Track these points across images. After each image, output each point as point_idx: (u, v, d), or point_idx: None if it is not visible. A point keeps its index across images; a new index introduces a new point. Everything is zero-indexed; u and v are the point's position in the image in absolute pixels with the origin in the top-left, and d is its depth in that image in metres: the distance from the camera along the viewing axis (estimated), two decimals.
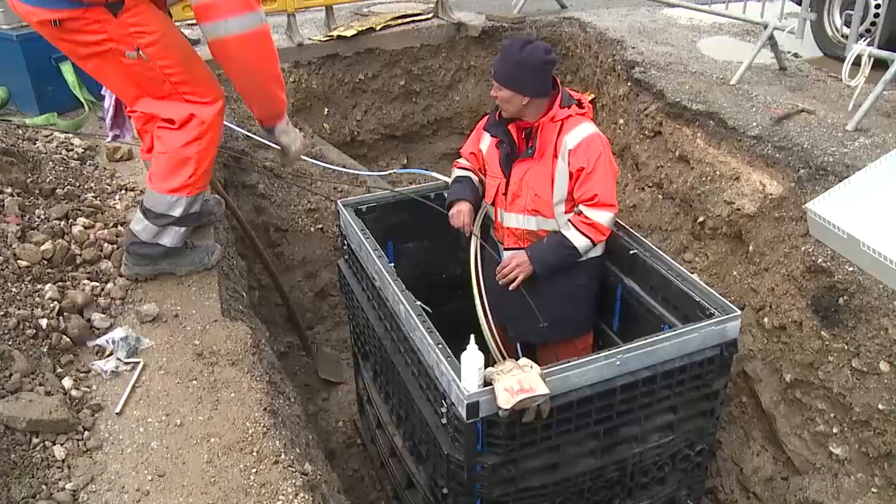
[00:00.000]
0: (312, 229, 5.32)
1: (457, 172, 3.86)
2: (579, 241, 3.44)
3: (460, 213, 3.67)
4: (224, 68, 3.08)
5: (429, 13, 7.03)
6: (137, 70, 3.12)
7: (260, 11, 2.96)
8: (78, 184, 4.01)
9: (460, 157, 3.91)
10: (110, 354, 3.17)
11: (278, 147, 3.51)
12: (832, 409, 3.58)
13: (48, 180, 3.95)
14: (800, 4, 5.68)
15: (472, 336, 2.76)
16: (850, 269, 3.61)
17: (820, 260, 3.73)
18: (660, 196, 5.33)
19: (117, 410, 2.90)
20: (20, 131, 4.51)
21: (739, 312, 3.16)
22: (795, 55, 6.42)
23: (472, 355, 2.67)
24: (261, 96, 3.24)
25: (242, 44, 2.94)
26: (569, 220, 3.48)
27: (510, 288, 3.60)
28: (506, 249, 3.69)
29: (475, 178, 3.78)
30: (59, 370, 3.05)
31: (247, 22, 2.90)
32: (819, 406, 3.64)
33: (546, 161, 3.43)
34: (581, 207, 3.43)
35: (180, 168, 3.27)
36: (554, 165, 3.42)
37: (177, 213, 3.34)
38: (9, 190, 3.69)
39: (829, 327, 3.57)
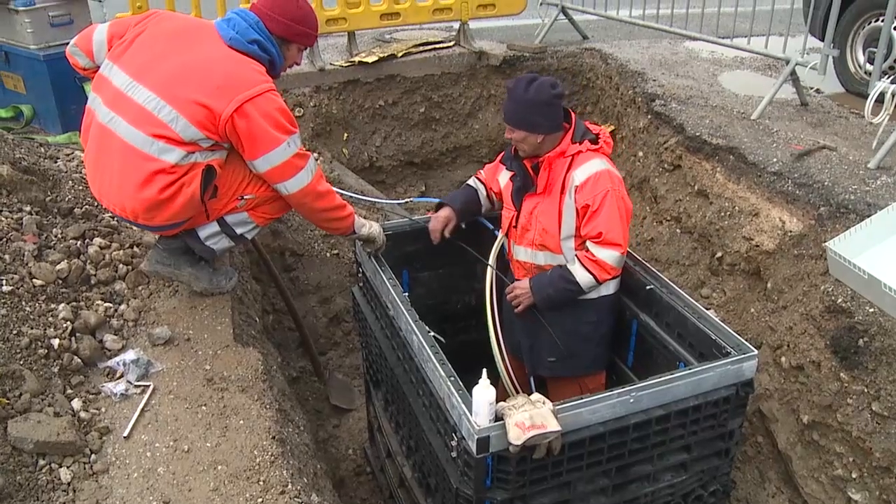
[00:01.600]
0: (328, 255, 5.31)
1: (468, 181, 3.92)
2: (582, 277, 3.40)
3: (436, 219, 3.72)
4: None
5: (450, 41, 7.06)
6: (255, 203, 3.46)
7: (307, 169, 3.31)
8: (96, 203, 4.02)
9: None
10: (121, 377, 3.17)
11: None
12: (851, 452, 3.51)
13: (67, 199, 3.97)
14: (822, 40, 5.65)
15: (485, 370, 2.73)
16: (871, 310, 3.55)
17: (839, 300, 3.68)
18: (678, 230, 5.29)
19: (125, 434, 2.89)
20: (42, 149, 4.55)
21: (756, 352, 3.11)
22: (817, 91, 6.39)
23: (483, 390, 2.63)
24: (327, 225, 3.67)
25: (301, 197, 3.37)
26: (576, 255, 3.45)
27: (515, 311, 3.58)
28: (516, 281, 3.67)
29: (482, 191, 3.82)
30: (69, 391, 3.05)
31: (297, 181, 3.30)
32: (837, 449, 3.57)
33: (554, 196, 3.41)
34: (587, 244, 3.40)
35: (273, 212, 3.60)
36: (562, 201, 3.39)
37: (240, 231, 3.53)
38: (27, 208, 3.71)
39: (849, 369, 3.51)
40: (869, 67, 6.04)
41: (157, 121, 3.09)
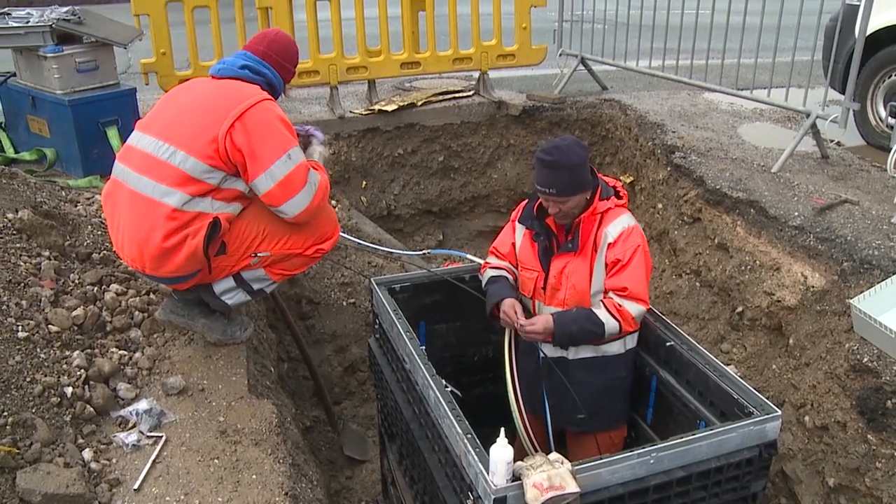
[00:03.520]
0: (345, 303, 5.28)
1: (490, 273, 3.68)
2: (608, 320, 3.31)
3: (513, 307, 3.46)
4: None
5: (470, 90, 7.11)
6: (270, 260, 3.46)
7: (309, 184, 3.27)
8: (113, 249, 4.03)
9: (491, 255, 3.76)
10: (133, 427, 3.13)
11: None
12: None
13: (85, 244, 3.98)
14: (842, 93, 5.64)
15: (503, 429, 2.67)
16: None
17: (865, 359, 3.60)
18: (697, 284, 5.23)
19: (136, 486, 2.85)
20: (63, 193, 4.58)
21: (780, 413, 3.03)
22: (838, 143, 6.35)
23: (501, 449, 2.57)
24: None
25: (306, 218, 3.37)
26: (601, 301, 3.39)
27: (525, 336, 3.45)
28: (544, 342, 3.58)
29: (510, 277, 3.65)
30: (81, 441, 3.01)
31: (298, 203, 3.28)
32: None
33: (586, 254, 3.35)
34: (611, 294, 3.35)
35: (292, 269, 3.60)
36: (593, 258, 3.34)
37: (258, 287, 3.55)
38: (46, 253, 3.72)
39: (877, 431, 3.42)
40: (891, 121, 6.01)
41: (159, 162, 3.16)
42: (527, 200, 3.55)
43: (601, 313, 3.33)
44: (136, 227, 3.20)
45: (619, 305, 3.31)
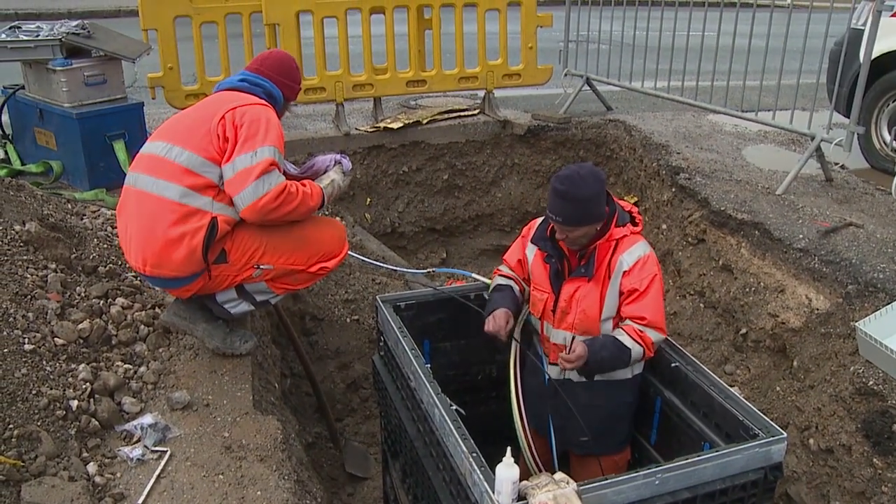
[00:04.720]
0: (348, 320, 5.28)
1: (498, 280, 3.70)
2: (633, 346, 3.27)
3: (494, 318, 3.48)
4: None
5: (475, 109, 7.14)
6: (273, 274, 3.48)
7: (261, 181, 3.21)
8: (120, 262, 4.04)
9: (503, 263, 3.78)
10: (138, 441, 3.13)
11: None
12: None
13: (91, 257, 3.98)
14: (847, 116, 5.66)
15: (509, 449, 2.66)
16: None
17: (871, 382, 3.60)
18: (701, 305, 5.23)
19: (140, 501, 2.83)
20: (69, 206, 4.59)
21: (785, 435, 3.02)
22: (842, 167, 6.37)
23: (507, 468, 2.57)
24: (300, 217, 3.49)
25: (249, 213, 3.25)
26: (621, 327, 3.36)
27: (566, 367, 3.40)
28: (551, 364, 3.57)
29: (516, 288, 3.65)
30: (85, 454, 3.00)
31: (245, 196, 3.21)
32: None
33: (598, 280, 3.32)
34: (629, 321, 3.33)
35: (295, 284, 3.65)
36: (606, 285, 3.31)
37: (261, 298, 3.59)
38: (52, 266, 3.72)
39: (883, 455, 3.41)
40: (895, 145, 6.04)
41: (160, 160, 3.27)
42: (539, 219, 3.55)
43: (625, 339, 3.29)
44: (141, 224, 3.27)
45: (641, 331, 3.30)
